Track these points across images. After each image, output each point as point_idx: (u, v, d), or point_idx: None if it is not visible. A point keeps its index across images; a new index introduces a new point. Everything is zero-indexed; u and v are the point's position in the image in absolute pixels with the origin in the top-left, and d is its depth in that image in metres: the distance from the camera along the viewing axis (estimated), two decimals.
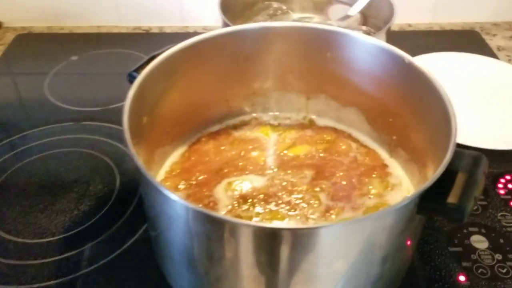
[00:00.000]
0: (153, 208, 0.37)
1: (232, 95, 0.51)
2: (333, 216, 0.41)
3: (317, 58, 0.49)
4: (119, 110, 0.61)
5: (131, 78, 0.43)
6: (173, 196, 0.31)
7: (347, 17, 0.69)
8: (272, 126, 0.52)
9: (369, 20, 0.70)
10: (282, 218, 0.41)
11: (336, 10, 0.73)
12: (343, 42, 0.47)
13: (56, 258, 0.43)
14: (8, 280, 0.41)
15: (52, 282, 0.41)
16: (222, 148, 0.49)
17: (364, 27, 0.67)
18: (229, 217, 0.31)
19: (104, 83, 0.67)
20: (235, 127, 0.52)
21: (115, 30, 0.79)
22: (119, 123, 0.57)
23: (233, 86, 0.51)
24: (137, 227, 0.46)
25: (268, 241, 0.31)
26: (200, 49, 0.46)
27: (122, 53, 0.73)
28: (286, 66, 0.50)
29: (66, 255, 0.44)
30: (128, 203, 0.49)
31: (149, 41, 0.76)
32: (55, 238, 0.45)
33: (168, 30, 0.79)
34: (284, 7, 0.70)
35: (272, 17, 0.68)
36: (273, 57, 0.50)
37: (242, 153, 0.48)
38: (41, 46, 0.75)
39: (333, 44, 0.48)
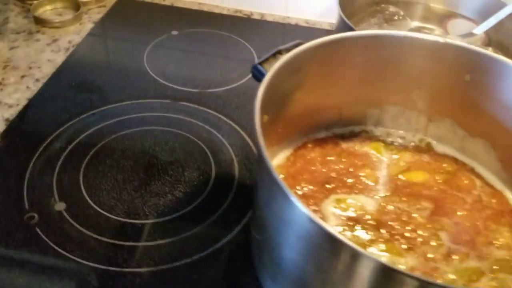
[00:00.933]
0: (270, 213, 0.34)
1: (346, 103, 0.47)
2: (456, 262, 0.37)
3: (453, 79, 0.44)
4: (218, 96, 0.61)
5: (255, 71, 0.41)
6: (305, 210, 0.28)
7: (471, 34, 0.63)
8: (385, 143, 0.48)
9: (493, 41, 0.63)
10: (399, 254, 0.37)
11: (456, 25, 0.67)
12: (489, 67, 0.42)
13: (148, 243, 0.42)
14: (98, 258, 0.40)
15: (143, 270, 0.40)
16: (329, 158, 0.46)
17: (490, 48, 0.61)
18: (372, 255, 0.28)
19: (204, 64, 0.65)
20: (343, 137, 0.48)
21: (216, 10, 0.77)
22: (217, 109, 0.57)
23: (351, 93, 0.47)
24: (231, 225, 0.44)
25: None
26: (329, 50, 0.42)
27: (222, 35, 0.71)
28: (414, 81, 0.46)
29: (158, 242, 0.42)
30: (223, 197, 0.47)
31: (249, 27, 0.73)
32: (148, 221, 0.44)
33: (269, 19, 0.76)
34: (402, 13, 0.65)
35: (388, 22, 0.63)
36: (402, 69, 0.45)
37: (351, 169, 0.45)
38: (142, 14, 0.74)
39: (477, 67, 0.42)
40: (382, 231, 0.39)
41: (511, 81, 0.41)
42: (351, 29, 0.54)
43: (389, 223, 0.40)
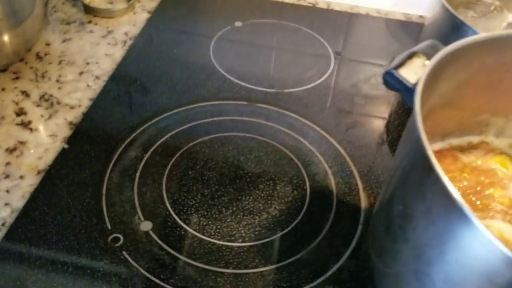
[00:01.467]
0: (431, 248, 0.28)
1: (469, 110, 0.41)
2: None
3: None
4: (297, 97, 0.54)
5: (391, 78, 0.35)
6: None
7: None
8: (510, 156, 0.43)
9: None
10: None
11: None
12: None
13: (250, 270, 0.37)
14: (192, 285, 0.36)
15: None
16: (451, 175, 0.40)
17: None
18: None
19: (275, 59, 0.59)
20: (462, 149, 0.43)
21: None
22: (299, 112, 0.51)
23: (476, 99, 0.41)
24: (338, 250, 0.39)
25: None
26: (467, 53, 0.36)
27: (289, 26, 0.64)
28: None
29: (261, 269, 0.37)
30: (324, 216, 0.41)
31: (315, 16, 0.67)
32: (246, 244, 0.39)
33: (336, 8, 0.69)
34: (497, 3, 0.59)
35: (486, 14, 0.57)
36: None
37: (478, 188, 0.39)
38: (199, 3, 0.68)
39: None
40: None
41: None
42: (460, 24, 0.48)
43: None
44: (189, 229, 0.39)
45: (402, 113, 0.53)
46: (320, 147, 0.48)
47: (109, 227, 0.39)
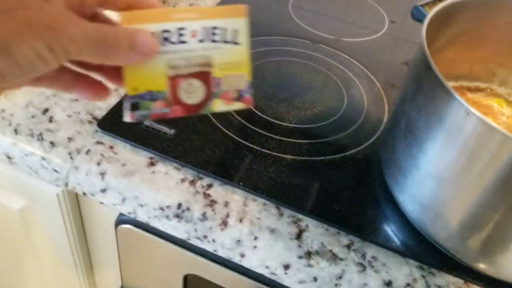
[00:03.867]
0: (421, 120, 0.41)
1: (480, 59, 0.53)
2: None
3: None
4: (351, 44, 0.69)
5: (416, 11, 0.48)
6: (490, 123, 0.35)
7: None
8: (507, 101, 0.54)
9: None
10: None
11: None
12: None
13: (292, 140, 0.52)
14: (252, 141, 0.51)
15: (287, 156, 0.50)
16: None
17: None
18: None
19: (339, 17, 0.74)
20: (470, 89, 0.55)
21: None
22: (350, 54, 0.66)
23: (486, 50, 0.52)
24: (360, 142, 0.53)
25: None
26: (481, 6, 0.48)
27: None
28: None
29: (300, 141, 0.52)
30: (353, 121, 0.55)
31: None
32: (291, 125, 0.54)
33: None
34: None
35: None
36: None
37: None
38: None
39: None
40: None
41: None
42: None
43: None
44: (253, 110, 0.55)
45: None
46: (361, 79, 0.61)
47: None
